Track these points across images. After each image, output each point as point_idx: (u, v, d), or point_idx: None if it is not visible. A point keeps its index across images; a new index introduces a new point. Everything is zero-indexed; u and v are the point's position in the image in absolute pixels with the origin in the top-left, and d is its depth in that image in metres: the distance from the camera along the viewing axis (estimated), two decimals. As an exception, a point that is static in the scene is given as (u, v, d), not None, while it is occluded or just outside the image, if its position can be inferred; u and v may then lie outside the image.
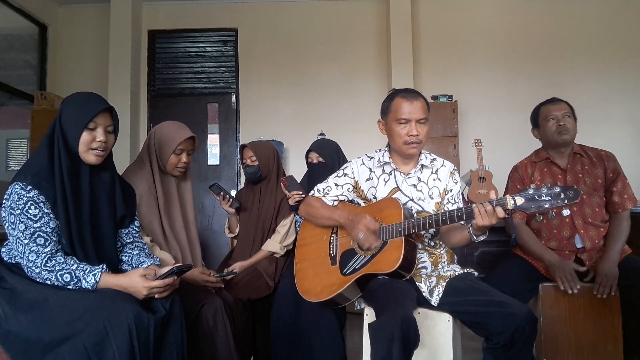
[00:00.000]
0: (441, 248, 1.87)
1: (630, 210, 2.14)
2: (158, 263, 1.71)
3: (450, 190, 1.88)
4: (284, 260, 2.38)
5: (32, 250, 1.43)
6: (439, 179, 1.88)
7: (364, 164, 1.94)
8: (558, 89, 3.50)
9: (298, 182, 2.36)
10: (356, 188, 1.93)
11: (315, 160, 2.55)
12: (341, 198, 1.93)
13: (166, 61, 5.20)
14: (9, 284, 1.47)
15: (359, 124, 4.78)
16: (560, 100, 2.25)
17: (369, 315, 1.72)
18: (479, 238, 1.63)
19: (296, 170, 2.92)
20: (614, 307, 2.03)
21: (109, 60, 4.82)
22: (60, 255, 1.47)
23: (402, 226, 1.66)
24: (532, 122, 2.32)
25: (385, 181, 1.88)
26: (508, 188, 2.31)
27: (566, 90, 4.03)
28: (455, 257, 1.91)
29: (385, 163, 1.89)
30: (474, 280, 1.72)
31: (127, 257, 1.68)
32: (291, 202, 2.34)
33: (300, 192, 2.30)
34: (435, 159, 1.93)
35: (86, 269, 1.47)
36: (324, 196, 1.93)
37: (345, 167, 1.96)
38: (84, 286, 1.45)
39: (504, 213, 1.51)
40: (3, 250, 1.55)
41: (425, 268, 1.80)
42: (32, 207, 1.44)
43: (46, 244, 1.45)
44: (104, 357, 1.36)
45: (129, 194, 1.74)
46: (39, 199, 1.45)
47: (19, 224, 1.43)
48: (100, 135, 1.54)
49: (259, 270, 2.30)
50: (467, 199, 3.55)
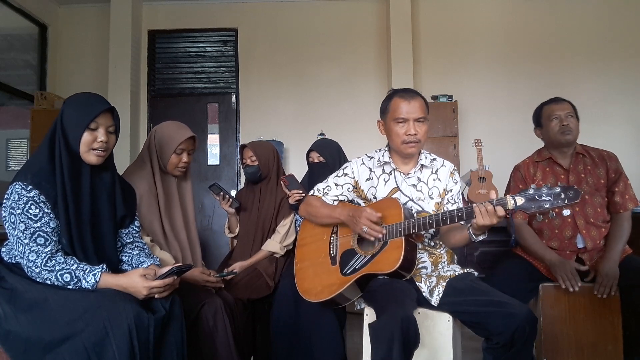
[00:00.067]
0: (441, 248, 1.87)
1: (631, 211, 2.14)
2: (158, 263, 1.71)
3: (450, 190, 1.88)
4: (284, 260, 2.38)
5: (32, 250, 1.43)
6: (439, 179, 1.88)
7: (364, 163, 1.94)
8: (558, 89, 3.49)
9: (298, 181, 2.36)
10: (356, 188, 1.92)
11: (316, 160, 2.55)
12: (341, 198, 1.93)
13: (166, 61, 5.20)
14: (9, 284, 1.47)
15: (359, 124, 4.78)
16: (564, 100, 2.23)
17: (369, 315, 1.72)
18: (478, 238, 1.64)
19: (296, 170, 2.92)
20: (614, 307, 2.03)
21: (109, 60, 4.82)
22: (61, 255, 1.47)
23: (403, 226, 1.66)
24: (535, 122, 2.30)
25: (385, 181, 1.88)
26: (510, 187, 2.30)
27: (566, 90, 4.01)
28: (455, 257, 1.91)
29: (385, 163, 1.89)
30: (474, 280, 1.72)
31: (127, 257, 1.68)
32: (291, 201, 2.34)
33: (300, 191, 2.30)
34: (435, 159, 1.93)
35: (86, 269, 1.47)
36: (323, 196, 1.93)
37: (345, 167, 1.96)
38: (84, 286, 1.45)
39: (505, 213, 1.51)
40: (3, 250, 1.55)
41: (425, 268, 1.80)
42: (33, 207, 1.44)
43: (46, 243, 1.45)
44: (104, 357, 1.36)
45: (129, 194, 1.74)
46: (40, 198, 1.45)
47: (19, 223, 1.43)
48: (101, 136, 1.54)
49: (259, 270, 2.30)
50: (467, 199, 3.55)
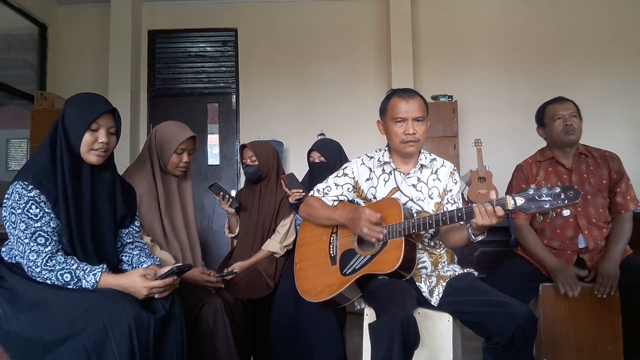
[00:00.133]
0: (441, 248, 1.87)
1: (632, 212, 2.14)
2: (158, 263, 1.71)
3: (450, 190, 1.88)
4: (284, 260, 2.38)
5: (33, 249, 1.43)
6: (439, 179, 1.88)
7: (363, 163, 1.94)
8: (558, 89, 3.48)
9: (299, 180, 2.36)
10: (356, 188, 1.92)
11: (317, 160, 2.55)
12: (341, 198, 1.93)
13: (166, 61, 5.20)
14: (9, 284, 1.48)
15: (359, 124, 4.77)
16: (567, 99, 2.22)
17: (369, 315, 1.72)
18: (477, 238, 1.64)
19: (296, 170, 2.92)
20: (614, 307, 2.03)
21: (109, 60, 4.81)
22: (61, 255, 1.47)
23: (402, 226, 1.66)
24: (537, 121, 2.29)
25: (385, 181, 1.88)
26: (512, 187, 2.29)
27: (566, 90, 4.00)
28: (455, 257, 1.91)
29: (385, 163, 1.89)
30: (474, 280, 1.72)
31: (127, 257, 1.68)
32: (291, 200, 2.34)
33: (300, 190, 2.30)
34: (435, 159, 1.93)
35: (86, 269, 1.47)
36: (323, 196, 1.93)
37: (345, 167, 1.96)
38: (84, 286, 1.45)
39: (504, 213, 1.52)
40: (3, 249, 1.55)
41: (425, 268, 1.80)
42: (33, 207, 1.44)
43: (47, 243, 1.45)
44: (104, 357, 1.36)
45: (130, 194, 1.74)
46: (40, 198, 1.45)
47: (19, 223, 1.43)
48: (102, 137, 1.54)
49: (259, 270, 2.30)
50: (467, 199, 3.55)
